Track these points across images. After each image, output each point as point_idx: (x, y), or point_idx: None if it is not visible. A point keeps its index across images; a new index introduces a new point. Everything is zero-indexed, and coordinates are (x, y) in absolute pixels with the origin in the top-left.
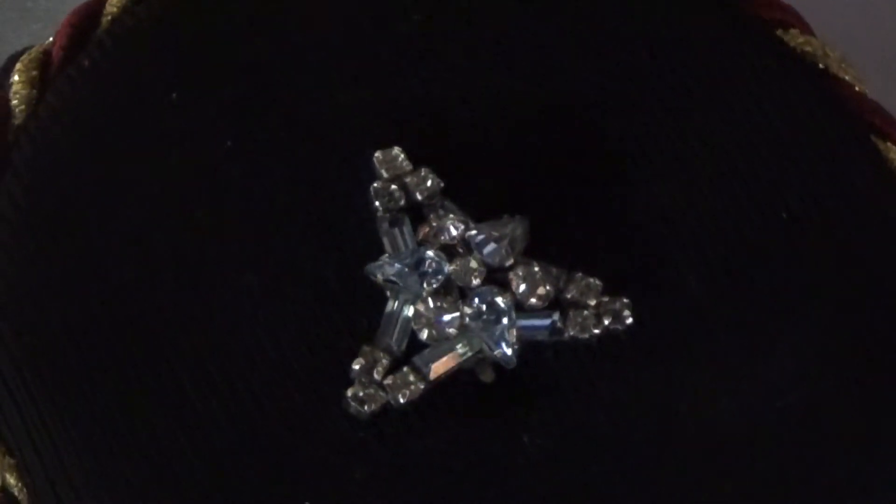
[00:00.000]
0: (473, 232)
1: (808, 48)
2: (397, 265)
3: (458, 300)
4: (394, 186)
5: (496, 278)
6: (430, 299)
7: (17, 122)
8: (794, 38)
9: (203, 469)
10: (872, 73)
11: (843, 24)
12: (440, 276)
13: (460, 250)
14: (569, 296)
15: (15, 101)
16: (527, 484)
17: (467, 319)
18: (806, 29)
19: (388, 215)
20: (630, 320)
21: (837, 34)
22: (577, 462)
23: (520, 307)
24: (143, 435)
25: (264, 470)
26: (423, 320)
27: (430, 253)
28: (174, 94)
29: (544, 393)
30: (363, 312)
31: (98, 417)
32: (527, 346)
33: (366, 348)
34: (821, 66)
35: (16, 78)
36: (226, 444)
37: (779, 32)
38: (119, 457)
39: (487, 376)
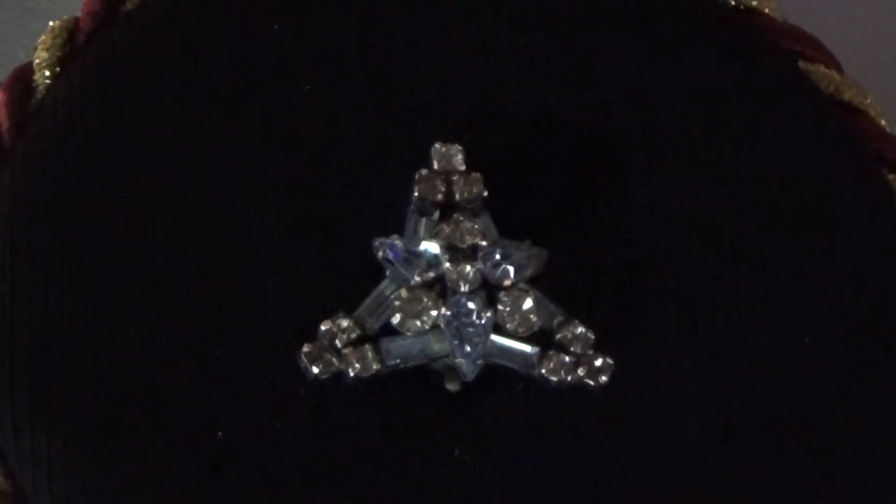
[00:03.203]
0: (484, 243)
1: None
2: (401, 248)
3: (439, 300)
4: (439, 180)
5: (495, 296)
6: (414, 289)
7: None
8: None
9: (143, 375)
10: (873, 73)
11: (842, 23)
12: (433, 273)
13: (476, 259)
14: (558, 336)
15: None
16: (438, 494)
17: (442, 321)
18: None
19: (420, 203)
20: (604, 380)
21: (838, 34)
22: (493, 492)
23: (501, 330)
24: (100, 321)
25: (197, 392)
26: (400, 306)
27: (433, 248)
28: (276, 25)
29: (494, 419)
30: (359, 284)
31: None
32: (499, 370)
33: (340, 314)
34: None
35: None
36: (173, 360)
37: (885, 173)
38: (71, 333)
39: (453, 385)
